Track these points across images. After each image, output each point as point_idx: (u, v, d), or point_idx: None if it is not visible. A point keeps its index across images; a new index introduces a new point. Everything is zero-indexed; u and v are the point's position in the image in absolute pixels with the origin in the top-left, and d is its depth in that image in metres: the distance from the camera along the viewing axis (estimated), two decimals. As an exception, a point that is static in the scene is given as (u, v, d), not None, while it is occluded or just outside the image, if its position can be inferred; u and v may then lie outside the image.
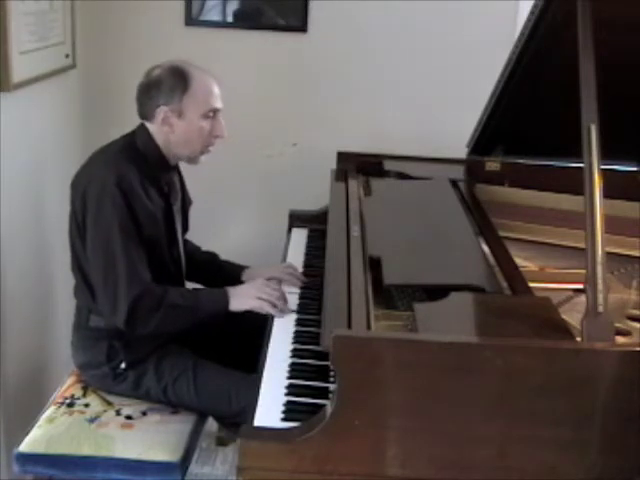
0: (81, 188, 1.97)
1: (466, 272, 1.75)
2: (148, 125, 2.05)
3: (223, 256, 2.37)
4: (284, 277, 2.13)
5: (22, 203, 2.41)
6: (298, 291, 2.08)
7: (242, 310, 1.99)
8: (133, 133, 2.08)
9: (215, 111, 2.03)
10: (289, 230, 2.56)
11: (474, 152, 2.42)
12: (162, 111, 1.99)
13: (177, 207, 2.15)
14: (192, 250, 2.28)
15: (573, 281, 1.85)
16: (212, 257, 2.35)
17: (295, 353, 1.75)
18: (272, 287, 2.01)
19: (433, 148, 2.58)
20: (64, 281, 2.71)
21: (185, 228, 2.23)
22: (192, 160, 2.10)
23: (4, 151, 2.24)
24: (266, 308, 1.94)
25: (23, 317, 2.46)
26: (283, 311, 1.94)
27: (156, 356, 2.03)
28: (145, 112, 2.04)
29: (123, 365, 2.02)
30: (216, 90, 2.04)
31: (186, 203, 2.24)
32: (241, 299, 1.99)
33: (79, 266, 2.04)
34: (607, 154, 1.51)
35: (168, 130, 2.02)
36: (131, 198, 1.93)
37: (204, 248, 2.35)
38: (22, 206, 2.41)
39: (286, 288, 2.07)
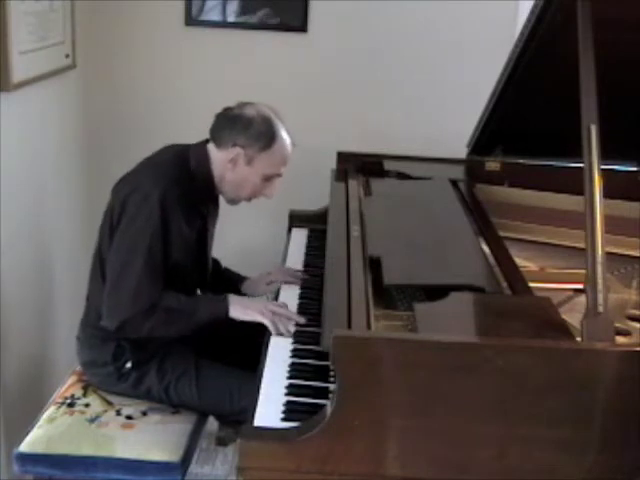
0: (122, 194, 1.96)
1: (466, 272, 1.75)
2: (212, 149, 2.03)
3: (223, 256, 2.37)
4: (284, 278, 2.15)
5: (22, 203, 2.41)
6: (298, 291, 2.09)
7: (242, 319, 1.95)
8: (187, 149, 2.06)
9: (277, 176, 2.05)
10: (289, 230, 2.56)
11: (474, 152, 2.43)
12: (236, 151, 1.99)
13: (211, 231, 2.16)
14: None
15: (573, 281, 1.85)
16: (214, 263, 2.35)
17: (295, 353, 1.75)
18: (279, 306, 1.94)
19: (433, 148, 2.58)
20: (64, 281, 2.72)
21: None
22: (232, 201, 2.12)
23: (4, 151, 2.24)
24: (268, 324, 1.86)
25: (23, 317, 2.46)
26: (283, 332, 1.85)
27: (159, 356, 2.03)
28: (219, 138, 2.02)
29: (128, 365, 2.02)
30: (288, 158, 2.05)
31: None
32: (245, 309, 1.95)
33: (102, 266, 2.02)
34: (607, 154, 1.52)
35: (230, 167, 2.01)
36: (169, 217, 1.92)
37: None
38: (22, 206, 2.41)
39: (287, 291, 2.07)
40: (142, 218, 1.91)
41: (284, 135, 2.03)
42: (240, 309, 1.96)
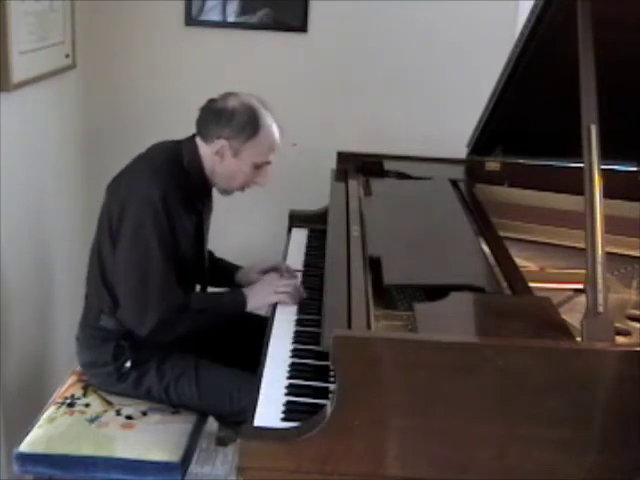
0: (120, 196, 1.96)
1: (466, 272, 1.75)
2: (200, 143, 2.03)
3: (223, 256, 2.37)
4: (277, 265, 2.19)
5: (22, 203, 2.41)
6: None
7: (261, 307, 2.04)
8: (179, 145, 2.06)
9: (267, 163, 2.05)
10: (289, 230, 2.56)
11: (474, 152, 2.43)
12: (221, 143, 1.99)
13: (207, 225, 2.17)
14: None
15: (573, 281, 1.85)
16: (208, 255, 2.35)
17: (295, 353, 1.75)
18: (284, 279, 2.06)
19: (433, 148, 2.58)
20: (64, 281, 2.72)
21: None
22: (225, 192, 2.12)
23: (4, 151, 2.24)
24: (285, 300, 1.97)
25: (23, 317, 2.46)
26: (299, 298, 1.99)
27: (159, 356, 2.03)
28: (205, 133, 2.02)
29: (128, 364, 2.02)
30: (277, 144, 2.04)
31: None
32: (259, 297, 2.03)
33: (101, 268, 2.02)
34: (607, 154, 1.52)
35: (218, 160, 2.01)
36: (173, 215, 1.93)
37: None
38: (22, 206, 2.41)
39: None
40: (148, 222, 1.90)
41: (270, 122, 2.01)
42: (255, 300, 2.03)
